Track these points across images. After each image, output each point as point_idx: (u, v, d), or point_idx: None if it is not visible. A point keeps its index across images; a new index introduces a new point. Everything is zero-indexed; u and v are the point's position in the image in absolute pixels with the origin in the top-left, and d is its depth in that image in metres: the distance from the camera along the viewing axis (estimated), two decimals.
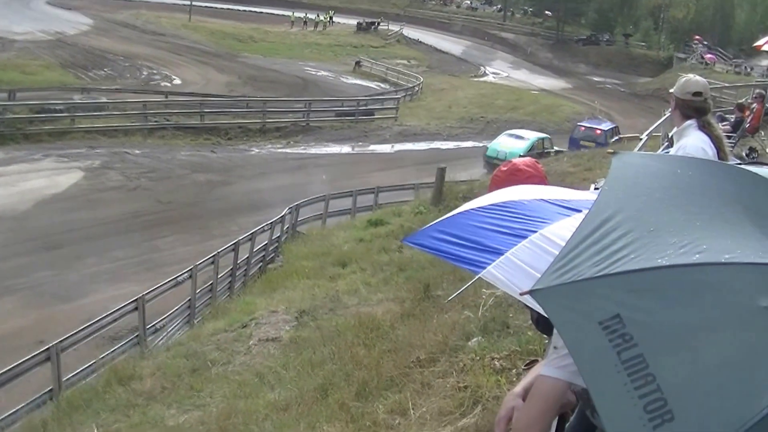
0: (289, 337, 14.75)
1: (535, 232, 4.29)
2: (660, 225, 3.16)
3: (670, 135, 10.05)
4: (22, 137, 39.46)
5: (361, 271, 19.38)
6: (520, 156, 41.89)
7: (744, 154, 17.49)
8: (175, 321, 19.74)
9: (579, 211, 4.40)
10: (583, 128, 44.99)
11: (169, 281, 19.27)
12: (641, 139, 20.39)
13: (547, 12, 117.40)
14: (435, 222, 4.73)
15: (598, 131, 43.62)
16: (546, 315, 3.15)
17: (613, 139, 40.46)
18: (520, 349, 8.49)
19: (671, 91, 7.04)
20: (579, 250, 3.12)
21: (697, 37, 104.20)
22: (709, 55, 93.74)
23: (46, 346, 15.41)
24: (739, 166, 3.65)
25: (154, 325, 18.71)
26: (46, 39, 70.65)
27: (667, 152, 8.06)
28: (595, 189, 6.07)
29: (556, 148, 42.27)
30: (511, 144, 42.98)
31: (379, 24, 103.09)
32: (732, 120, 20.18)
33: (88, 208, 30.86)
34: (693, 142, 6.65)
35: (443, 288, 13.09)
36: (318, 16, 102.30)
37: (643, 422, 2.70)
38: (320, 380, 11.18)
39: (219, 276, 21.86)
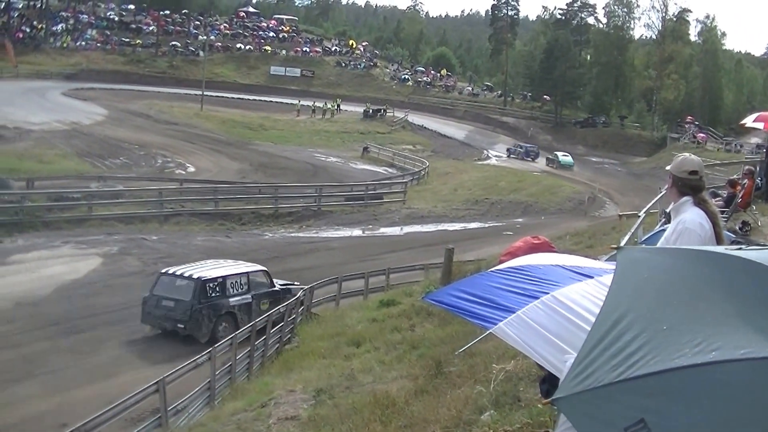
0: (308, 416, 14.63)
1: (547, 293, 4.64)
2: (672, 323, 3.22)
3: (667, 211, 10.40)
4: (41, 225, 39.97)
5: (375, 350, 19.32)
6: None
7: (737, 228, 17.85)
8: (196, 402, 19.57)
9: (591, 277, 4.82)
10: None
11: (188, 363, 19.28)
12: (639, 216, 20.59)
13: (545, 96, 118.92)
14: (456, 282, 5.07)
15: None
16: (572, 424, 3.34)
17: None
18: (531, 421, 8.39)
19: (668, 168, 7.16)
20: (595, 353, 3.22)
21: (689, 117, 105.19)
22: (700, 135, 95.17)
23: (70, 430, 15.41)
24: (740, 256, 3.66)
25: (175, 407, 18.54)
26: (62, 129, 71.12)
27: (664, 228, 8.30)
28: (606, 260, 6.41)
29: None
30: (567, 159, 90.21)
31: (384, 111, 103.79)
32: (724, 196, 20.46)
33: (107, 293, 31.04)
34: (691, 216, 6.76)
35: (455, 364, 12.93)
36: (326, 104, 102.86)
37: None
38: None
39: (237, 357, 21.86)
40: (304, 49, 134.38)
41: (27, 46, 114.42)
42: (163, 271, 28.61)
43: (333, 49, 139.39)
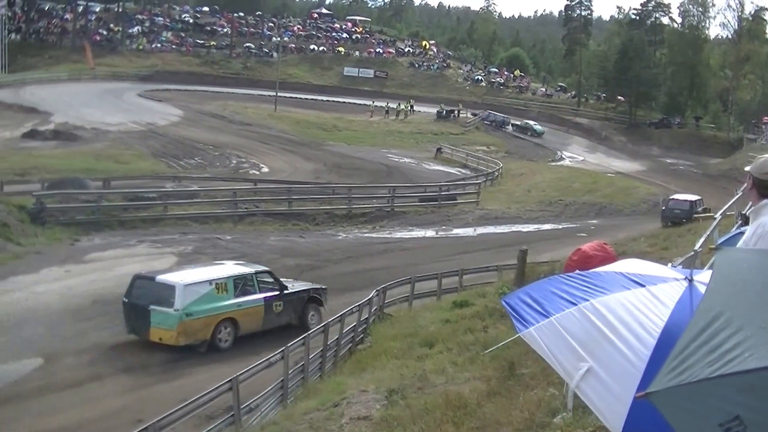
0: (380, 416, 14.52)
1: (588, 300, 4.66)
2: None
3: (744, 213, 10.14)
4: (117, 224, 40.69)
5: (448, 350, 19.18)
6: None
7: None
8: (269, 401, 19.59)
9: (643, 285, 4.84)
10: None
11: (262, 362, 19.37)
12: (715, 218, 20.23)
13: (619, 97, 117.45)
14: (528, 285, 5.09)
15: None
16: (664, 417, 3.29)
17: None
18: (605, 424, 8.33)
19: (747, 169, 6.76)
20: (691, 349, 3.21)
21: (766, 118, 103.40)
22: None
23: (145, 425, 15.47)
24: None
25: (248, 405, 18.60)
26: (138, 129, 72.42)
27: (741, 231, 8.10)
28: (672, 267, 6.33)
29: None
30: (539, 127, 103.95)
31: (458, 112, 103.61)
32: None
33: None
34: None
35: (528, 366, 12.89)
36: (399, 105, 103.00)
37: None
38: None
39: (310, 357, 21.85)
40: (377, 50, 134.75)
41: (104, 48, 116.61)
42: (671, 197, 52.45)
43: (406, 50, 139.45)
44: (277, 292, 27.11)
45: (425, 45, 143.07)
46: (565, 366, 4.55)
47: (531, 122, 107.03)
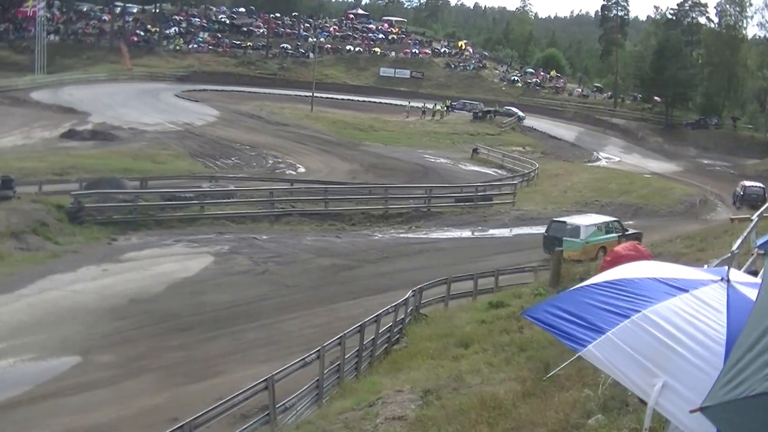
0: (415, 416, 14.40)
1: (639, 311, 4.57)
2: None
3: None
4: (154, 223, 40.92)
5: (483, 351, 19.02)
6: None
7: None
8: (304, 400, 19.56)
9: (686, 290, 4.75)
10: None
11: (297, 361, 19.22)
12: (752, 220, 20.02)
13: (656, 98, 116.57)
14: (553, 297, 4.99)
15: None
16: None
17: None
18: (639, 426, 8.20)
19: None
20: (746, 361, 3.10)
21: None
22: None
23: (180, 424, 15.40)
24: None
25: (283, 404, 18.56)
26: (174, 129, 72.86)
27: None
28: (706, 269, 6.26)
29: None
30: (521, 114, 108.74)
31: (495, 113, 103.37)
32: None
33: (218, 291, 31.49)
34: None
35: (563, 367, 12.97)
36: (435, 105, 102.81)
37: None
38: None
39: (346, 356, 21.83)
40: (413, 50, 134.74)
41: (141, 49, 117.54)
42: (745, 184, 61.85)
43: (442, 50, 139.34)
44: (621, 233, 39.02)
45: (461, 45, 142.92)
46: (639, 384, 4.44)
47: (513, 109, 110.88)
